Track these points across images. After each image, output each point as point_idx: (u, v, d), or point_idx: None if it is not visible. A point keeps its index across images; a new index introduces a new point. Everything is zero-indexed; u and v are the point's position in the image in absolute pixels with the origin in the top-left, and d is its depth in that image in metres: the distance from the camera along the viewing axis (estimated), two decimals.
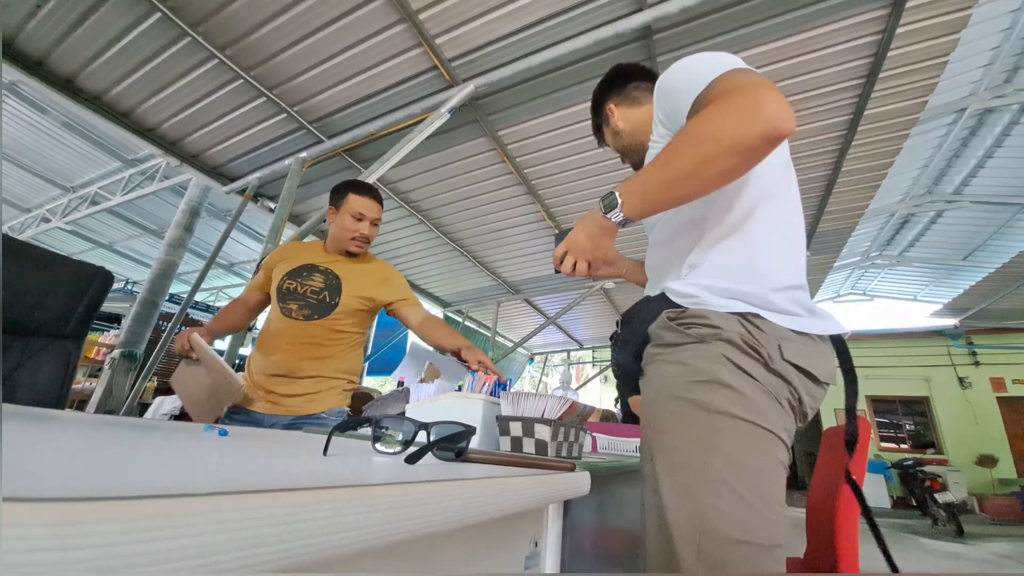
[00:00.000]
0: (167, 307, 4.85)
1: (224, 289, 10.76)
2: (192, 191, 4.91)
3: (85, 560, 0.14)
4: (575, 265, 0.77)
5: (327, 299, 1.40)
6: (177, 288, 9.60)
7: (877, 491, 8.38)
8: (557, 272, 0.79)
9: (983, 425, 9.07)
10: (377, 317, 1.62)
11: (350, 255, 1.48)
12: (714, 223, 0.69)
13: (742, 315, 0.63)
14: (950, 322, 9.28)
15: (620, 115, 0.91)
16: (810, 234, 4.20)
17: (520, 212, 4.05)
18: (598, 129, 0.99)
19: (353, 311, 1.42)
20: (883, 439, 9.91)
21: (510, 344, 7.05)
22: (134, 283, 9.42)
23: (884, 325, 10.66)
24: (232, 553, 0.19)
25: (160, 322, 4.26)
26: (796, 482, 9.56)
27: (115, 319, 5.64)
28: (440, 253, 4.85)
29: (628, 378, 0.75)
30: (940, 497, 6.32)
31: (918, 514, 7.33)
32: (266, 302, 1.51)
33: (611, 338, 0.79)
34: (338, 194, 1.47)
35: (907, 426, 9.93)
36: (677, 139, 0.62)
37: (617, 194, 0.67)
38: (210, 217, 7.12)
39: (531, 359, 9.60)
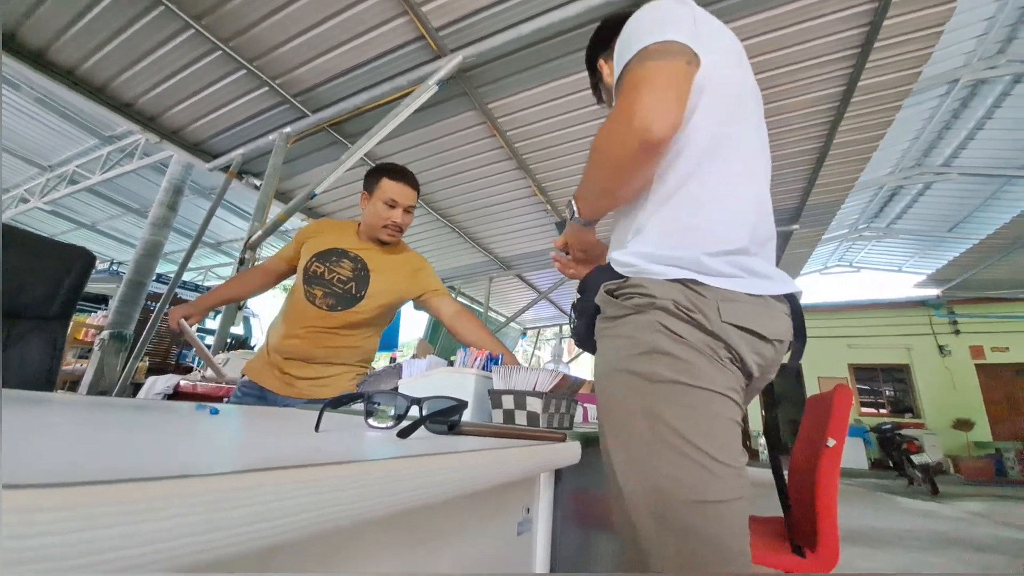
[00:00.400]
0: (155, 287, 4.78)
1: (212, 268, 10.61)
2: (174, 169, 4.77)
3: (85, 542, 0.15)
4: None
5: (353, 291, 1.36)
6: (165, 268, 9.45)
7: (856, 454, 8.71)
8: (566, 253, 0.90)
9: (961, 391, 9.40)
10: None
11: (382, 243, 1.44)
12: (657, 185, 0.68)
13: (681, 281, 0.63)
14: (933, 292, 9.47)
15: (609, 70, 0.89)
16: (800, 207, 4.20)
17: (511, 187, 4.01)
18: (595, 87, 0.96)
19: (378, 304, 1.38)
20: (864, 404, 10.26)
21: (502, 319, 7.08)
22: (119, 263, 9.25)
23: (869, 296, 10.86)
24: (226, 531, 0.20)
25: (148, 302, 4.21)
26: (780, 446, 9.90)
27: (102, 300, 5.56)
28: (430, 229, 4.80)
29: (586, 348, 0.76)
30: (916, 459, 6.52)
31: (895, 475, 7.60)
32: (289, 273, 1.49)
33: (571, 307, 0.80)
34: (371, 178, 1.41)
35: (887, 392, 10.26)
36: (589, 155, 0.69)
37: (573, 202, 0.78)
38: (194, 195, 6.95)
39: (524, 333, 9.69)
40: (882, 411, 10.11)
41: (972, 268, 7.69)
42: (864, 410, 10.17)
